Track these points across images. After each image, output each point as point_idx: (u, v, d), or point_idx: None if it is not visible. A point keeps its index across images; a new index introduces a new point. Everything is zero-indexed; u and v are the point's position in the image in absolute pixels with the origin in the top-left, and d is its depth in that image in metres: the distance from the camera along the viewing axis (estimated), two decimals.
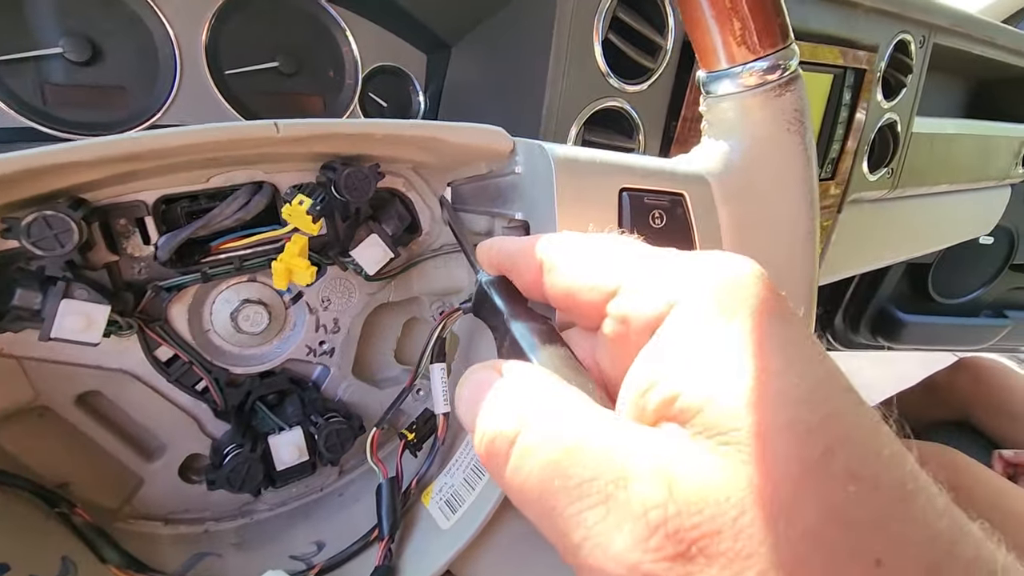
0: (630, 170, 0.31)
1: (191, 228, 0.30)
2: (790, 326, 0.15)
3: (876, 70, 0.77)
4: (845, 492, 0.12)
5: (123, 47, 0.55)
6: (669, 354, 0.15)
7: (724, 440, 0.13)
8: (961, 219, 1.17)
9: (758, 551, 0.11)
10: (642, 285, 0.16)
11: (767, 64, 0.31)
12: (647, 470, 0.13)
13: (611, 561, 0.12)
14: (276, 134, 0.29)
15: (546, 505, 0.14)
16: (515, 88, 0.58)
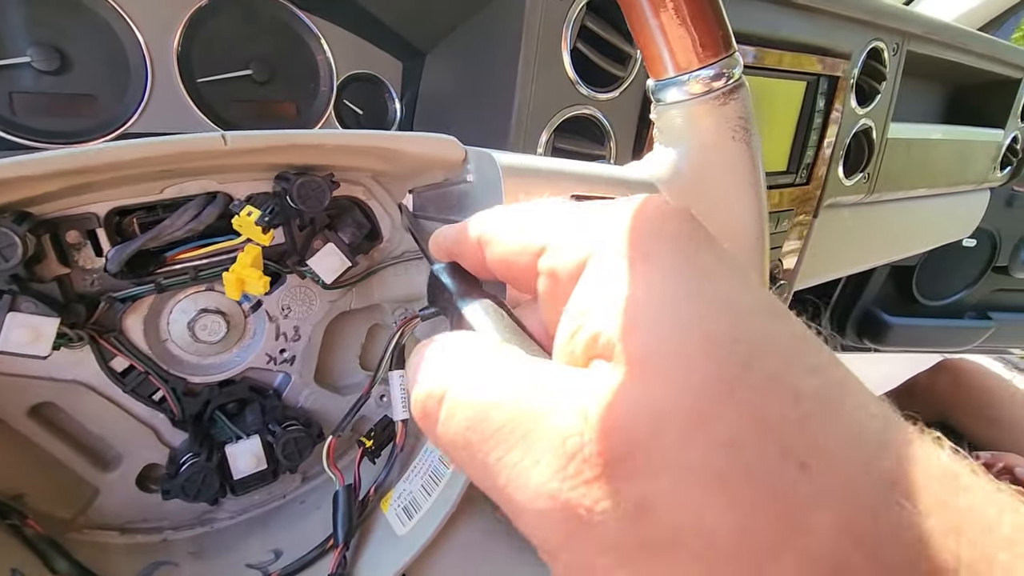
0: (579, 177, 0.32)
1: (141, 240, 0.30)
2: (706, 252, 0.15)
3: (849, 77, 0.77)
4: (764, 400, 0.12)
5: (93, 55, 0.55)
6: (589, 297, 0.15)
7: (642, 367, 0.13)
8: (941, 222, 1.18)
9: (675, 464, 0.11)
10: (565, 239, 0.17)
11: (711, 72, 0.31)
12: (564, 404, 0.13)
13: (533, 496, 0.12)
14: (224, 146, 0.29)
15: (474, 457, 0.14)
16: (487, 95, 0.59)
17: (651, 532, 0.11)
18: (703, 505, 0.11)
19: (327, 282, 0.36)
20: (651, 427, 0.12)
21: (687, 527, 0.11)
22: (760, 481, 0.11)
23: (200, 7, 0.58)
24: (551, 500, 0.12)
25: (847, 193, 0.88)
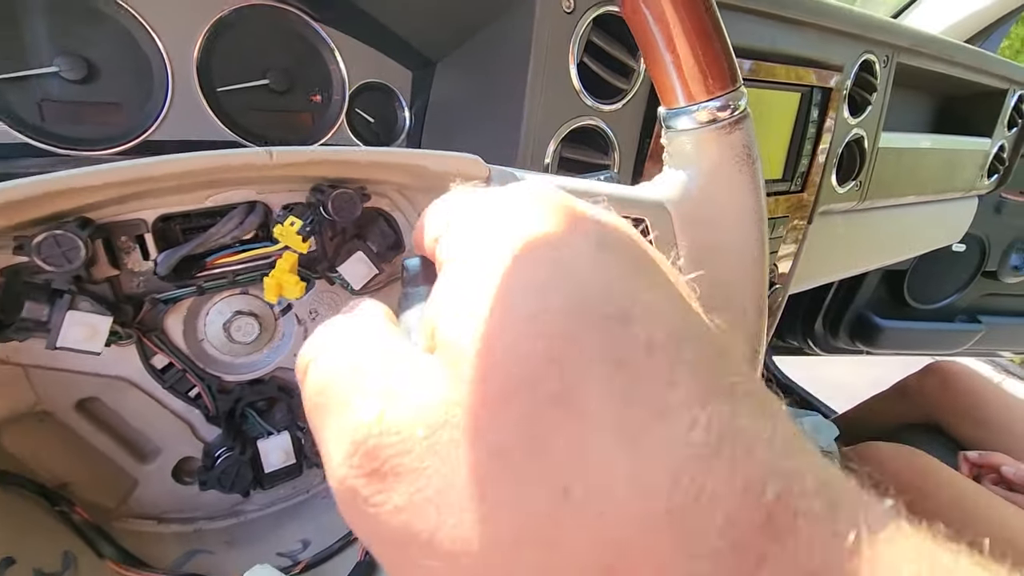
0: (595, 197, 0.34)
1: (190, 245, 0.32)
2: (558, 248, 0.14)
3: (842, 88, 0.80)
4: (543, 417, 0.11)
5: (118, 65, 0.57)
6: (440, 291, 0.15)
7: (453, 366, 0.13)
8: (931, 228, 1.22)
9: (442, 469, 0.11)
10: (451, 231, 0.17)
11: (719, 104, 0.34)
12: (372, 392, 0.13)
13: (330, 474, 0.13)
14: (270, 161, 0.31)
15: (313, 421, 0.15)
16: (496, 105, 0.61)
17: (410, 535, 0.12)
18: (458, 517, 0.11)
19: (355, 288, 0.38)
20: (428, 430, 0.12)
21: (441, 537, 0.11)
22: (517, 500, 0.11)
23: (220, 19, 0.60)
24: (339, 482, 0.13)
25: (840, 200, 0.91)
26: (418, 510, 0.12)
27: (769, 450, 0.11)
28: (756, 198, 0.37)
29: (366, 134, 0.71)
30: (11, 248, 0.28)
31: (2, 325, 0.30)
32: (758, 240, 0.37)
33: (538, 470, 0.11)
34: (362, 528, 0.13)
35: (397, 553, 0.12)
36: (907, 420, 1.22)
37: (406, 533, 0.12)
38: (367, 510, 0.12)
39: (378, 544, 0.13)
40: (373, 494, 0.12)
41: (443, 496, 0.11)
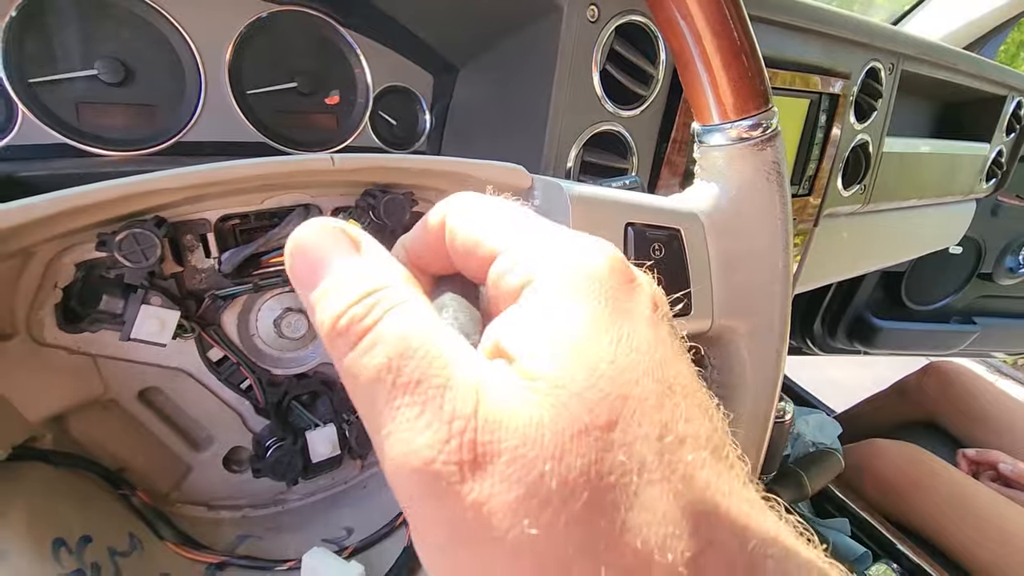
0: (634, 207, 0.36)
1: (255, 244, 0.34)
2: (627, 314, 0.16)
3: (849, 95, 0.83)
4: (603, 463, 0.14)
5: (153, 68, 0.59)
6: (514, 317, 0.17)
7: (532, 386, 0.15)
8: (930, 231, 1.25)
9: (519, 482, 0.13)
10: (512, 257, 0.18)
11: (751, 122, 0.36)
12: (465, 384, 0.14)
13: (411, 454, 0.14)
14: (332, 166, 0.33)
15: (374, 395, 0.15)
16: (520, 111, 0.63)
17: (485, 528, 0.13)
18: (525, 531, 0.13)
19: None
20: (518, 441, 0.14)
21: (511, 538, 0.13)
22: (568, 529, 0.13)
23: (251, 23, 0.62)
24: (425, 464, 0.14)
25: (845, 203, 0.93)
26: (500, 507, 0.13)
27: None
28: (784, 211, 0.39)
29: (388, 136, 0.73)
30: (94, 244, 0.29)
31: (76, 316, 0.32)
32: (784, 250, 0.39)
33: (588, 523, 0.13)
34: (433, 514, 0.14)
35: (462, 542, 0.13)
36: (906, 419, 1.25)
37: (481, 525, 0.13)
38: (448, 491, 0.13)
39: (445, 530, 0.14)
40: (461, 481, 0.13)
41: (522, 503, 0.13)
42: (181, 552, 0.35)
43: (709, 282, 0.38)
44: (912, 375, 1.28)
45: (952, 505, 0.89)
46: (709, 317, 0.38)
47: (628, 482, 0.14)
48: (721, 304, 0.39)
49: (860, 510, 0.88)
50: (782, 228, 0.38)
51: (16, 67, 0.52)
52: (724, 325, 0.39)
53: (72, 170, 0.54)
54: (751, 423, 0.39)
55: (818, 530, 0.81)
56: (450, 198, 0.21)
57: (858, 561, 0.78)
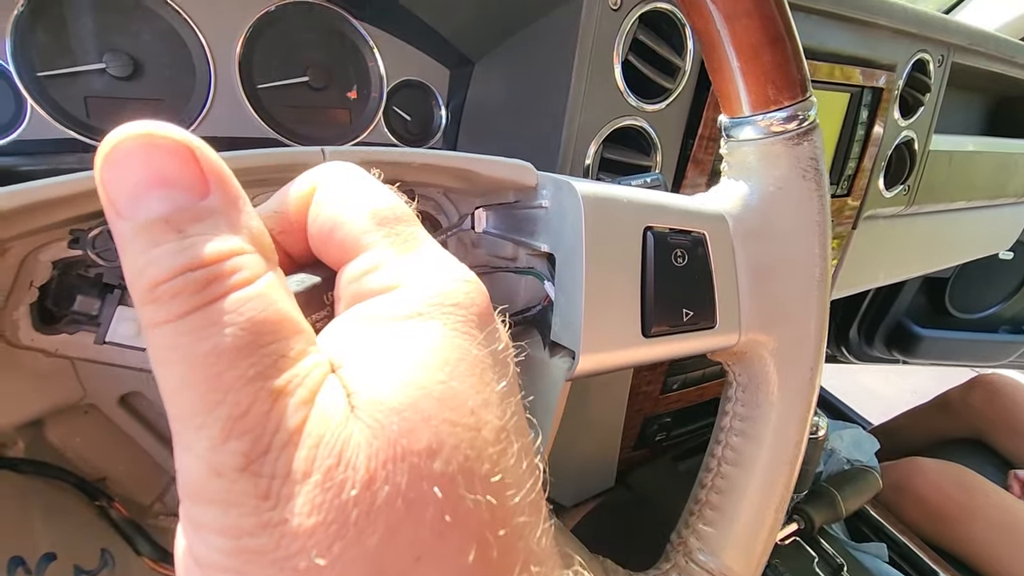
0: (654, 208, 0.33)
1: None
2: (480, 346, 0.15)
3: (894, 89, 0.77)
4: (413, 495, 0.12)
5: (162, 62, 0.58)
6: (358, 324, 0.15)
7: (353, 400, 0.13)
8: (979, 235, 1.17)
9: (322, 507, 0.12)
10: (382, 257, 0.16)
11: (786, 114, 0.32)
12: (301, 395, 0.13)
13: (220, 458, 0.12)
14: (322, 159, 0.31)
15: (193, 383, 0.12)
16: (536, 105, 0.60)
17: (266, 548, 0.12)
18: (311, 553, 0.12)
19: None
20: (328, 463, 0.12)
21: (294, 557, 0.12)
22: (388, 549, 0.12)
23: (261, 16, 0.61)
24: (233, 471, 0.12)
25: (887, 205, 0.87)
26: (294, 531, 0.12)
27: None
28: (822, 213, 0.35)
29: (402, 132, 0.71)
30: (67, 241, 0.28)
31: (53, 318, 0.30)
32: (822, 257, 0.35)
33: (388, 545, 0.12)
34: (221, 527, 0.12)
35: (241, 563, 0.12)
36: (949, 434, 1.17)
37: (268, 548, 0.12)
38: (246, 512, 0.12)
39: (230, 547, 0.12)
40: (264, 497, 0.12)
41: (318, 529, 0.12)
42: (159, 569, 0.33)
43: (736, 292, 0.35)
44: (956, 388, 1.21)
45: (1003, 531, 0.82)
46: (736, 331, 0.35)
47: (437, 519, 0.13)
48: (750, 317, 0.35)
49: (899, 533, 0.82)
50: (820, 232, 0.34)
51: (25, 60, 0.52)
52: (752, 340, 0.35)
53: (76, 165, 0.53)
54: (781, 448, 0.35)
55: (853, 555, 0.76)
56: (325, 166, 0.19)
57: None
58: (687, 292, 0.33)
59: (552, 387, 0.34)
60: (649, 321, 0.32)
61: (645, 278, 0.32)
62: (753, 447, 0.36)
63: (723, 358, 0.37)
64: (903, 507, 0.89)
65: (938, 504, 0.87)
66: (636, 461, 0.88)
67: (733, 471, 0.36)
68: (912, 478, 0.92)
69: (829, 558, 0.75)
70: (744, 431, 0.36)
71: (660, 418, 0.84)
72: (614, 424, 0.79)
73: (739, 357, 0.36)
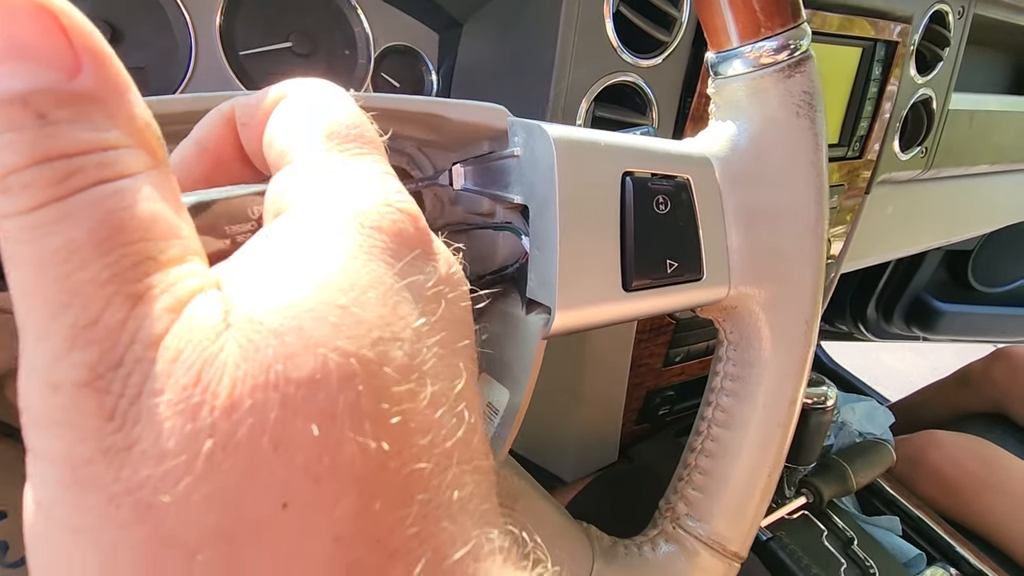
0: (634, 152, 0.31)
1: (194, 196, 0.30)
2: (399, 276, 0.14)
3: (909, 43, 0.73)
4: (280, 432, 0.11)
5: (141, 28, 0.56)
6: (253, 243, 0.14)
7: (230, 317, 0.12)
8: (1004, 202, 1.12)
9: (172, 434, 0.10)
10: (297, 174, 0.15)
11: (776, 43, 0.30)
12: (166, 303, 0.11)
13: (64, 367, 0.11)
14: None
15: (38, 282, 0.11)
16: (525, 64, 0.57)
17: (102, 476, 0.10)
18: (154, 486, 0.10)
19: None
20: (183, 381, 0.11)
21: (135, 490, 0.10)
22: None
23: None
24: (75, 383, 0.10)
25: (902, 169, 0.83)
26: (136, 460, 0.10)
27: None
28: (817, 152, 0.32)
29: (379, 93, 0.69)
30: None
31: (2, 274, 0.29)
32: (817, 201, 0.32)
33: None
34: (57, 450, 0.11)
35: (73, 490, 0.11)
36: (970, 409, 1.14)
37: (105, 475, 0.11)
38: (87, 431, 0.11)
39: (64, 472, 0.11)
40: (108, 418, 0.11)
41: (164, 459, 0.10)
42: None
43: (725, 241, 0.32)
44: (978, 361, 1.17)
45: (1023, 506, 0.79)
46: (725, 284, 0.33)
47: (311, 461, 0.11)
48: (739, 267, 0.33)
49: (913, 507, 0.80)
50: (815, 174, 0.31)
51: None
52: (743, 292, 0.33)
53: None
54: (774, 408, 0.33)
55: (864, 528, 0.74)
56: (303, 80, 0.17)
57: (910, 564, 0.71)
58: (671, 242, 0.31)
59: (527, 345, 0.32)
60: (630, 274, 0.30)
61: (625, 227, 0.30)
62: (745, 408, 0.34)
63: (712, 314, 0.35)
64: (918, 481, 0.86)
65: (955, 478, 0.84)
66: (639, 436, 0.86)
67: (724, 433, 0.35)
68: (928, 451, 0.89)
69: (839, 531, 0.73)
70: (735, 391, 0.34)
71: (663, 391, 0.82)
72: (615, 398, 0.77)
73: (729, 312, 0.34)
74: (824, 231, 0.32)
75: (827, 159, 0.32)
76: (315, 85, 0.17)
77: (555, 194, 0.28)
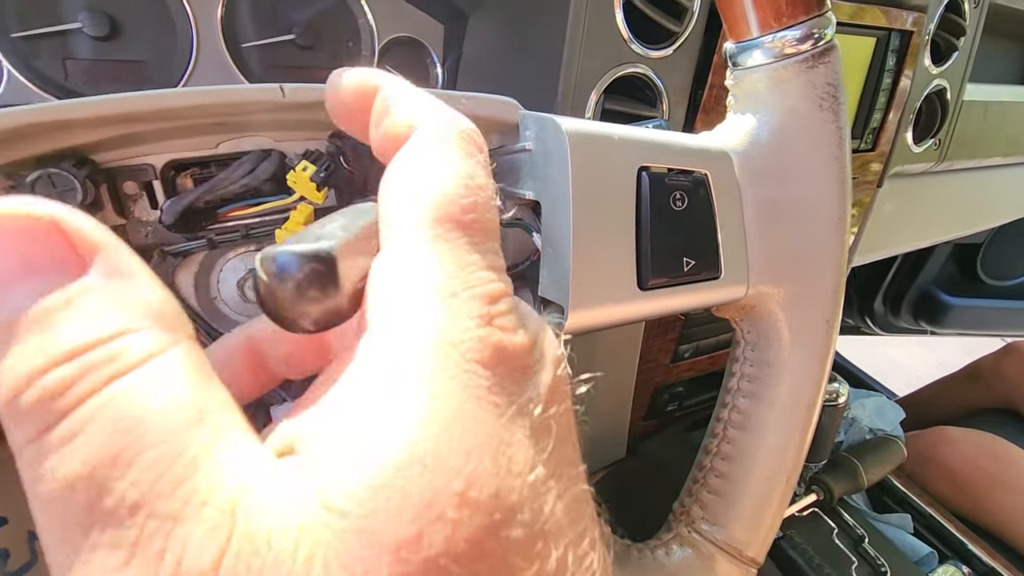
0: (650, 146, 0.30)
1: (197, 192, 0.30)
2: (500, 415, 0.12)
3: (924, 32, 0.71)
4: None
5: (141, 21, 0.55)
6: (330, 388, 0.12)
7: (325, 519, 0.10)
8: (1016, 195, 1.10)
9: None
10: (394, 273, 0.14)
11: (799, 33, 0.29)
12: (212, 515, 0.10)
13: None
14: (282, 98, 0.28)
15: (61, 521, 0.10)
16: (533, 56, 0.56)
17: None
18: None
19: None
20: None
21: None
22: None
23: None
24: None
25: (915, 161, 0.82)
26: None
27: None
28: (841, 147, 0.31)
29: None
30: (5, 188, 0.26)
31: None
32: (840, 198, 0.31)
33: None
34: None
35: None
36: (980, 405, 1.12)
37: None
38: None
39: None
40: None
41: None
42: None
43: (743, 239, 0.31)
44: (988, 356, 1.15)
45: None
46: (744, 282, 0.32)
47: None
48: (759, 266, 0.32)
49: (925, 504, 0.79)
50: (838, 169, 0.30)
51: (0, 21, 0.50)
52: (762, 292, 0.32)
53: None
54: (792, 410, 0.32)
55: (875, 526, 0.73)
56: (433, 108, 0.17)
57: (922, 562, 0.70)
58: (688, 239, 0.30)
59: None
60: (646, 272, 0.29)
61: (640, 224, 0.29)
62: (763, 410, 0.33)
63: (730, 313, 0.34)
64: (929, 478, 0.85)
65: (967, 475, 0.83)
66: (647, 432, 0.86)
67: (741, 436, 0.34)
68: (939, 447, 0.88)
69: (849, 529, 0.72)
70: (753, 393, 0.34)
71: (672, 387, 0.81)
72: (623, 393, 0.76)
73: (747, 312, 0.33)
74: (846, 229, 0.31)
75: (850, 154, 0.31)
76: (441, 130, 0.16)
77: (568, 190, 0.27)
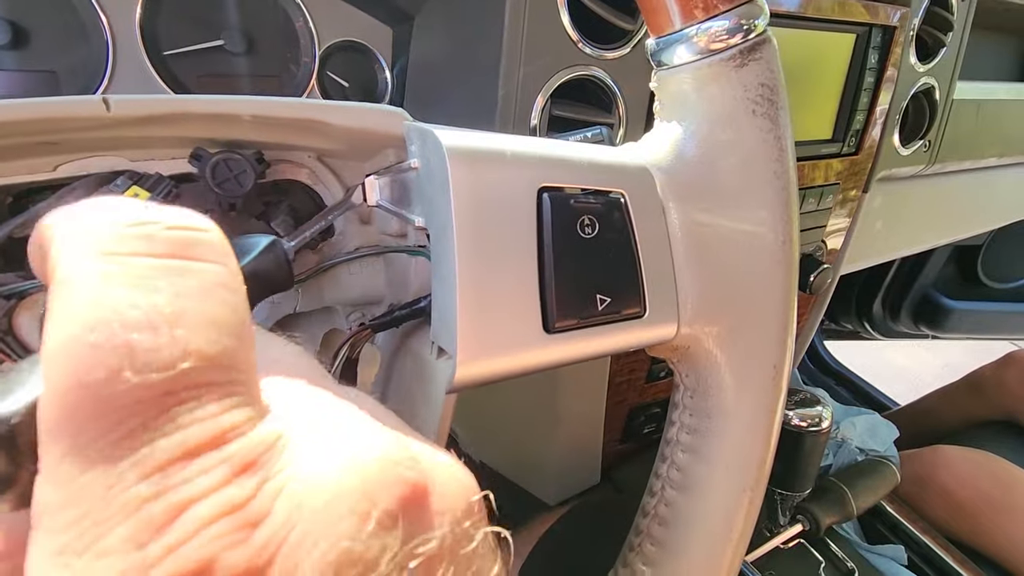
0: (552, 163, 0.25)
1: (11, 225, 0.25)
2: None
3: (908, 28, 0.67)
4: None
5: (49, 28, 0.51)
6: None
7: None
8: (1013, 196, 1.05)
9: None
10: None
11: (727, 23, 0.24)
12: None
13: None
14: (106, 112, 0.24)
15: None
16: (474, 60, 0.52)
17: None
18: None
19: None
20: None
21: None
22: None
23: None
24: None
25: (904, 164, 0.77)
26: None
27: None
28: (780, 160, 0.26)
29: (341, 100, 0.63)
30: None
31: None
32: (783, 220, 0.27)
33: None
34: None
35: None
36: (980, 417, 1.07)
37: None
38: None
39: None
40: None
41: None
42: None
43: (672, 270, 0.27)
44: (989, 365, 1.10)
45: None
46: (673, 321, 0.27)
47: None
48: (691, 302, 0.27)
49: (920, 532, 0.74)
50: (780, 185, 0.26)
51: None
52: (696, 332, 0.27)
53: None
54: (737, 471, 0.27)
55: (866, 558, 0.68)
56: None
57: None
58: (602, 272, 0.25)
59: (434, 398, 0.26)
60: (551, 313, 0.24)
61: (543, 256, 0.24)
62: (703, 468, 0.28)
63: (664, 354, 0.29)
64: (926, 502, 0.80)
65: (967, 499, 0.78)
66: (624, 455, 0.81)
67: (679, 497, 0.29)
68: (937, 469, 0.82)
69: (838, 562, 0.67)
70: (693, 447, 0.29)
71: (647, 408, 0.76)
72: (594, 416, 0.72)
73: (682, 354, 0.28)
74: (793, 256, 0.26)
75: (795, 166, 0.26)
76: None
77: (451, 215, 0.23)
